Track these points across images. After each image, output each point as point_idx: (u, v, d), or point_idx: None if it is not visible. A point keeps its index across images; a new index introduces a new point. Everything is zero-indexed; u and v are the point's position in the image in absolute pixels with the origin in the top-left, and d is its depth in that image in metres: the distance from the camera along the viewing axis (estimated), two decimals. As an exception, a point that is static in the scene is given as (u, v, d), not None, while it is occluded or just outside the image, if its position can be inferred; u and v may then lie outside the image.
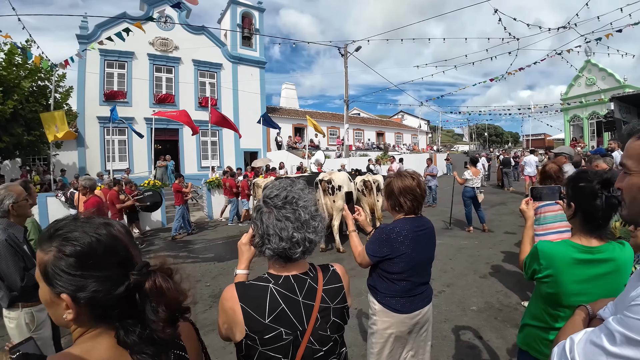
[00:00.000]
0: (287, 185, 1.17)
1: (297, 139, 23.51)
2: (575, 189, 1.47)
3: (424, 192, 2.02)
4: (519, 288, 4.62)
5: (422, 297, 2.03)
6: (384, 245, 1.93)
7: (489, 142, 70.18)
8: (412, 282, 1.96)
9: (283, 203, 1.11)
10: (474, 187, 7.62)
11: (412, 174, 2.03)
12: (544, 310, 1.51)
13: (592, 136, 23.90)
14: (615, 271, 1.40)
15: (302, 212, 1.10)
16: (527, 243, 1.79)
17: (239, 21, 20.65)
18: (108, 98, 16.65)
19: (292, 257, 1.10)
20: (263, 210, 1.12)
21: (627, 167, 0.85)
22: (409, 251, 1.91)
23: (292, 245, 1.08)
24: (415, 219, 2.01)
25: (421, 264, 2.01)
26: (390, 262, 1.94)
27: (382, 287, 1.99)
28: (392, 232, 1.93)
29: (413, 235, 1.94)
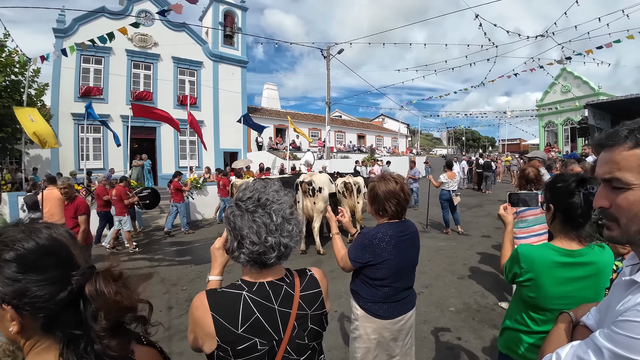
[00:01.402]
0: (260, 187, 1.12)
1: (278, 140, 23.35)
2: (553, 191, 1.48)
3: (408, 197, 1.98)
4: (496, 289, 4.70)
5: (405, 302, 1.99)
6: (367, 251, 1.89)
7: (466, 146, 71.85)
8: (395, 287, 1.92)
9: (255, 206, 1.05)
10: (450, 190, 7.73)
11: (396, 178, 1.99)
12: (525, 313, 1.50)
13: (566, 142, 24.76)
14: (596, 274, 1.40)
15: (276, 215, 1.05)
16: (507, 247, 1.79)
17: (221, 19, 20.35)
18: (83, 94, 16.03)
19: (266, 262, 1.05)
20: (235, 214, 1.06)
21: (623, 181, 0.73)
22: (392, 257, 1.87)
23: (266, 249, 1.03)
24: (399, 224, 1.97)
25: (405, 270, 1.97)
26: (372, 268, 1.90)
27: (365, 293, 1.95)
28: (375, 237, 1.88)
29: (396, 240, 1.90)
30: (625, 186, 0.73)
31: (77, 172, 13.64)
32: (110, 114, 16.59)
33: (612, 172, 0.75)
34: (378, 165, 16.28)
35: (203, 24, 21.08)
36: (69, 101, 15.76)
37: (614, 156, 0.76)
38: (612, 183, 0.76)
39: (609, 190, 0.77)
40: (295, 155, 19.42)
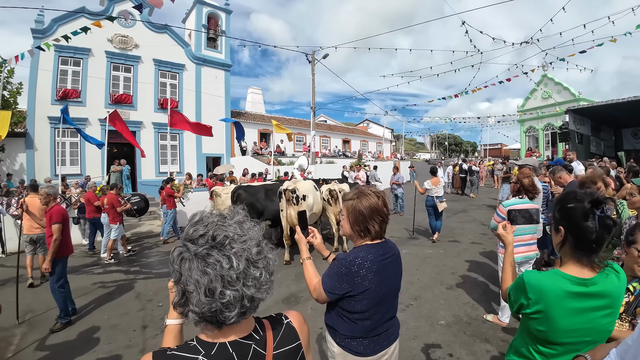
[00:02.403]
0: (217, 220, 0.85)
1: (262, 145, 23.04)
2: (563, 211, 1.33)
3: (389, 212, 1.75)
4: (485, 299, 4.60)
5: (387, 335, 1.74)
6: (344, 281, 1.60)
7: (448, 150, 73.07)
8: (377, 320, 1.67)
9: (210, 247, 0.79)
10: (434, 197, 7.65)
11: (376, 192, 1.74)
12: (533, 347, 1.35)
13: (547, 146, 25.20)
14: (611, 303, 1.27)
15: (237, 259, 0.79)
16: (508, 271, 1.63)
17: (205, 22, 20.00)
18: (61, 97, 15.43)
19: (224, 322, 0.80)
20: (183, 257, 0.80)
21: None
22: (374, 286, 1.61)
23: (223, 307, 0.78)
24: (380, 245, 1.71)
25: (387, 298, 1.71)
26: (351, 299, 1.62)
27: (342, 328, 1.68)
28: (353, 264, 1.60)
29: (378, 265, 1.64)
30: None
31: (53, 178, 13.05)
32: (88, 117, 16.04)
33: None
34: (364, 170, 16.17)
35: (186, 26, 20.68)
36: (45, 104, 15.15)
37: None
38: None
39: None
40: (280, 161, 19.16)
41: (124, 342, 3.88)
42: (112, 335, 4.03)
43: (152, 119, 17.81)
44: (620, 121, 17.69)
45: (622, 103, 14.20)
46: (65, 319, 4.28)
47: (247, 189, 7.14)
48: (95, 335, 4.07)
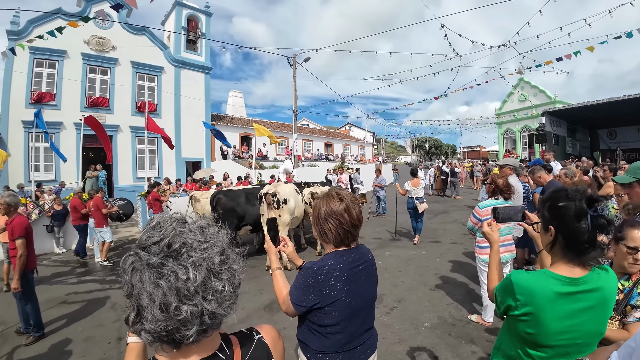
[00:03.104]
0: (176, 225, 0.73)
1: (243, 149, 22.78)
2: (554, 210, 1.27)
3: (355, 220, 1.57)
4: (469, 299, 4.61)
5: (364, 349, 1.59)
6: (311, 292, 1.46)
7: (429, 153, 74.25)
8: (350, 333, 1.53)
9: (164, 256, 0.68)
10: (414, 198, 7.65)
11: (343, 196, 1.61)
12: (522, 350, 1.29)
13: (524, 148, 25.93)
14: (602, 303, 1.22)
15: (196, 270, 0.68)
16: (494, 270, 1.57)
17: (184, 24, 19.68)
18: (36, 100, 14.84)
19: (181, 341, 0.68)
20: (135, 267, 0.69)
21: None
22: (343, 296, 1.47)
23: (179, 324, 0.66)
24: (350, 252, 1.57)
25: (361, 309, 1.56)
26: (320, 312, 1.48)
27: (313, 343, 1.53)
28: (320, 273, 1.46)
29: (348, 273, 1.50)
30: None
31: (26, 184, 12.48)
32: (63, 121, 15.50)
33: None
34: (347, 173, 16.17)
35: (165, 28, 20.27)
36: (19, 107, 14.55)
37: None
38: None
39: None
40: (262, 164, 18.97)
41: (98, 355, 3.69)
42: (86, 348, 3.83)
43: (129, 122, 17.35)
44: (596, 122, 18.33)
45: (597, 105, 14.71)
46: (38, 332, 4.05)
47: (227, 193, 6.96)
48: (68, 348, 3.87)
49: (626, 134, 18.31)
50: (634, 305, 1.66)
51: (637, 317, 1.63)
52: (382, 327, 3.90)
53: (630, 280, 1.74)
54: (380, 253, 7.10)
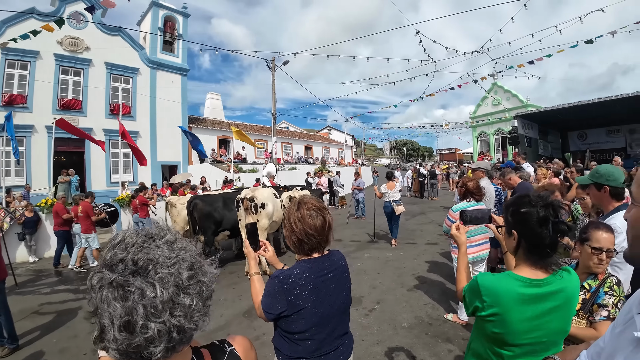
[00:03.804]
0: (141, 240, 0.72)
1: (222, 152, 22.49)
2: (517, 215, 1.33)
3: (322, 227, 1.57)
4: (445, 299, 4.72)
5: (336, 355, 1.59)
6: (278, 300, 1.48)
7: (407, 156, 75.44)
8: (320, 340, 1.54)
9: (130, 273, 0.66)
10: (391, 201, 7.70)
11: (310, 204, 1.60)
12: (490, 349, 1.35)
13: (498, 150, 26.84)
14: (565, 303, 1.29)
15: (162, 287, 0.66)
16: (463, 271, 1.65)
17: (161, 25, 19.28)
18: (6, 102, 14.17)
19: (150, 358, 0.67)
20: (101, 284, 0.67)
21: (633, 196, 0.68)
22: (309, 305, 1.48)
23: (146, 342, 0.65)
24: (319, 260, 1.58)
25: (331, 316, 1.57)
26: (287, 319, 1.50)
27: (285, 348, 1.55)
28: (286, 282, 1.48)
29: (315, 282, 1.51)
30: (634, 202, 0.69)
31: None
32: (34, 124, 14.86)
33: (632, 185, 0.72)
34: (326, 176, 16.23)
35: (141, 29, 19.80)
36: (-11, 110, 13.87)
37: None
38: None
39: (631, 203, 0.73)
40: (241, 168, 18.78)
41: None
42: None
43: (102, 125, 16.80)
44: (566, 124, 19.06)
45: (568, 108, 15.29)
46: (12, 344, 3.89)
47: (204, 198, 6.86)
48: (43, 359, 3.75)
49: (596, 136, 19.13)
50: (601, 304, 1.74)
51: (604, 316, 1.71)
52: (361, 329, 3.95)
53: (596, 279, 1.83)
54: (359, 255, 7.17)
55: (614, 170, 2.22)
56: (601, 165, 2.31)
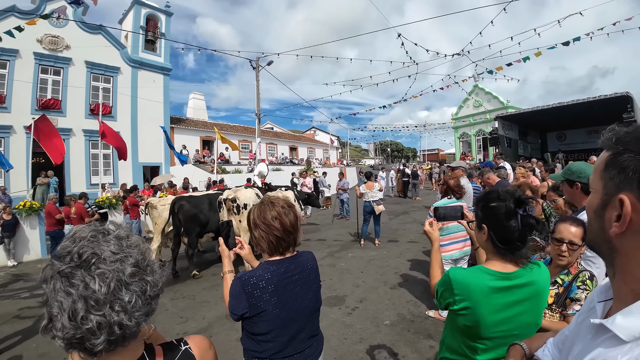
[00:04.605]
0: (91, 235, 0.75)
1: (205, 153, 22.24)
2: (486, 210, 1.36)
3: (287, 227, 1.54)
4: (427, 296, 4.78)
5: (302, 357, 1.57)
6: (240, 301, 1.46)
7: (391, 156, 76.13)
8: (283, 342, 1.51)
9: (75, 266, 0.70)
10: (370, 201, 7.69)
11: (275, 202, 1.59)
12: (463, 342, 1.37)
13: (479, 150, 27.52)
14: (535, 295, 1.32)
15: (102, 281, 0.70)
16: (436, 267, 1.67)
17: (143, 23, 18.94)
18: None
19: (92, 350, 0.70)
20: (52, 275, 0.71)
21: (589, 182, 0.69)
22: (270, 307, 1.46)
23: (88, 333, 0.68)
24: (283, 262, 1.55)
25: (295, 320, 1.53)
26: (249, 321, 1.48)
27: (250, 348, 1.54)
28: (247, 284, 1.46)
29: (277, 285, 1.48)
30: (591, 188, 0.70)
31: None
32: (13, 124, 14.44)
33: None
34: (311, 177, 16.23)
35: (123, 27, 19.41)
36: (-33, 111, 13.43)
37: None
38: None
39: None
40: (225, 169, 18.62)
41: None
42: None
43: (82, 125, 16.44)
44: (546, 126, 19.60)
45: (547, 109, 15.73)
46: None
47: (189, 199, 6.76)
48: (20, 365, 3.61)
49: (575, 137, 19.71)
50: (573, 298, 1.79)
51: (577, 310, 1.75)
52: (344, 328, 3.97)
53: (569, 274, 1.87)
54: (343, 255, 7.21)
55: (586, 168, 2.28)
56: (573, 163, 2.38)
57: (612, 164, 0.61)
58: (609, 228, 0.60)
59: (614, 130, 0.64)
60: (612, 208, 0.60)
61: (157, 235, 6.83)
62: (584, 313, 0.77)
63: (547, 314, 1.83)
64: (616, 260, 0.62)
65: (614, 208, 0.59)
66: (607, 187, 0.61)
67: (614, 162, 0.60)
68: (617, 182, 0.59)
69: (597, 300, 0.71)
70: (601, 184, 0.63)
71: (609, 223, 0.60)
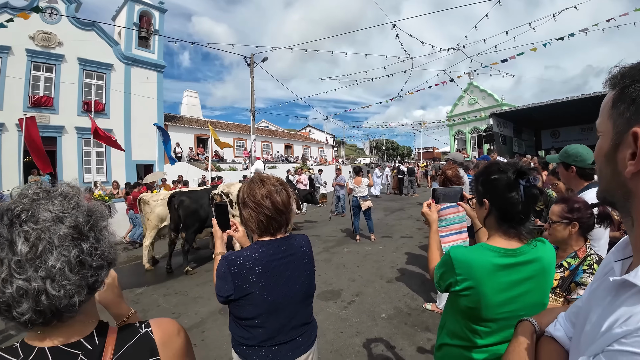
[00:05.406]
0: (32, 192, 0.69)
1: (199, 150, 22.06)
2: (487, 183, 1.29)
3: (278, 205, 1.45)
4: (424, 289, 4.73)
5: (293, 346, 1.46)
6: (226, 282, 1.37)
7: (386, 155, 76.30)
8: (272, 329, 1.42)
9: (7, 223, 0.64)
10: (357, 196, 7.66)
11: (265, 179, 1.50)
12: (465, 326, 1.29)
13: (474, 148, 27.59)
14: (541, 273, 1.24)
15: (26, 241, 0.62)
16: (434, 249, 1.58)
17: (136, 20, 18.73)
18: None
19: (18, 320, 0.63)
20: None
21: (597, 127, 0.65)
22: (257, 290, 1.36)
23: (11, 300, 0.61)
24: (273, 243, 1.45)
25: (284, 305, 1.43)
26: (235, 304, 1.40)
27: (236, 334, 1.46)
28: (233, 264, 1.37)
29: (265, 267, 1.39)
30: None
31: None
32: (4, 122, 14.23)
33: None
34: (306, 174, 16.15)
35: (116, 23, 19.17)
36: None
37: None
38: None
39: None
40: (219, 167, 18.47)
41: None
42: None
43: (75, 123, 16.22)
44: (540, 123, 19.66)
45: (541, 106, 15.74)
46: None
47: (190, 194, 6.63)
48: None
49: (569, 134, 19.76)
50: (579, 282, 1.70)
51: (582, 295, 1.69)
52: (340, 321, 3.90)
53: (576, 258, 1.79)
54: (339, 250, 7.14)
55: (583, 151, 2.20)
56: (570, 145, 2.30)
57: (620, 98, 0.57)
58: (623, 169, 0.56)
59: (617, 67, 0.60)
60: (624, 146, 0.56)
61: (150, 231, 6.71)
62: (598, 279, 0.71)
63: (551, 298, 1.75)
64: (634, 205, 0.58)
65: (627, 146, 0.55)
66: (618, 125, 0.58)
67: (622, 96, 0.57)
68: (627, 117, 0.56)
69: (615, 259, 0.65)
70: (610, 124, 0.60)
71: (623, 164, 0.57)
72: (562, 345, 0.79)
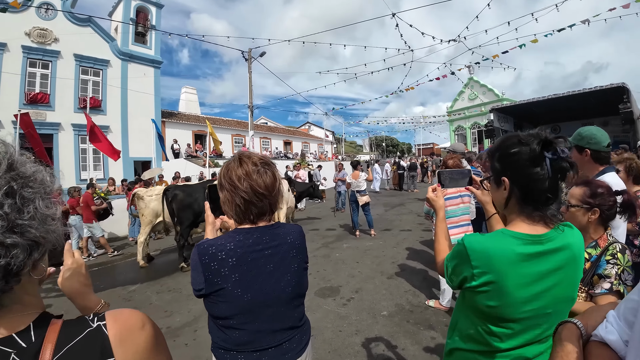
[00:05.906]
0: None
1: (197, 147, 21.87)
2: (505, 159, 1.08)
3: (259, 187, 1.23)
4: (426, 285, 4.57)
5: (279, 352, 1.24)
6: (197, 274, 1.18)
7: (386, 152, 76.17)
8: (252, 331, 1.20)
9: None
10: (355, 191, 7.53)
11: (245, 157, 1.29)
12: (483, 328, 1.08)
13: (474, 143, 27.36)
14: (571, 262, 1.04)
15: None
16: (442, 239, 1.36)
17: (133, 15, 18.49)
18: None
19: None
20: None
21: None
22: (230, 285, 1.15)
23: None
24: (252, 231, 1.24)
25: (266, 304, 1.22)
26: (208, 300, 1.19)
27: (214, 335, 1.25)
28: (205, 254, 1.17)
29: (241, 258, 1.18)
30: None
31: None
32: (0, 119, 14.06)
33: None
34: (305, 169, 15.99)
35: (112, 19, 18.93)
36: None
37: None
38: None
39: None
40: (217, 163, 18.28)
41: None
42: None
43: (71, 120, 16.02)
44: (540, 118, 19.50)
45: (542, 101, 15.58)
46: None
47: (184, 188, 6.47)
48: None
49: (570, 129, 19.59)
50: (602, 274, 1.50)
51: (606, 288, 1.47)
52: (339, 319, 3.72)
53: (597, 247, 1.59)
54: (338, 245, 6.98)
55: (597, 132, 2.01)
56: (584, 127, 2.11)
57: None
58: None
59: None
60: None
61: (144, 227, 6.54)
62: None
63: None
64: None
65: None
66: None
67: None
68: None
69: None
70: None
71: None
72: (616, 351, 0.62)
